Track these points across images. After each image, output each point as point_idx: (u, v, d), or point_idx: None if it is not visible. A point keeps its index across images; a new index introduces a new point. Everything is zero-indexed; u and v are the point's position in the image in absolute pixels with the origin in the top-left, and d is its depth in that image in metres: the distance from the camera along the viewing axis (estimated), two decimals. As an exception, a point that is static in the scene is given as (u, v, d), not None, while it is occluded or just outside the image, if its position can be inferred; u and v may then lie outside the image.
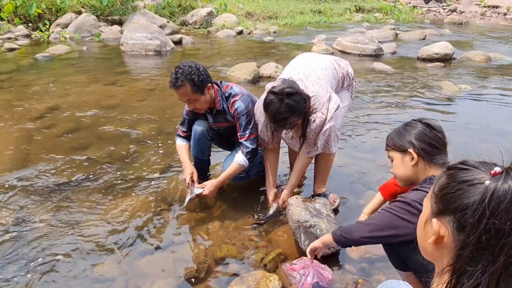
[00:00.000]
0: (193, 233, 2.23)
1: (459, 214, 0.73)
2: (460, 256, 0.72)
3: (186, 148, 2.54)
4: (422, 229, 0.86)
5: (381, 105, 4.53)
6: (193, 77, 2.17)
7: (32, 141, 3.37)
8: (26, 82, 5.07)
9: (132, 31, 7.50)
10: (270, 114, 2.02)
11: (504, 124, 4.02)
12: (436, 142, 1.46)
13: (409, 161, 1.48)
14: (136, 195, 2.59)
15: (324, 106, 2.09)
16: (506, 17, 16.42)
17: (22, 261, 1.98)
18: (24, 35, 8.25)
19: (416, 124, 1.52)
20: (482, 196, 0.70)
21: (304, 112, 2.02)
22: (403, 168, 1.51)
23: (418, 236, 0.88)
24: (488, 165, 0.77)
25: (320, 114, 2.09)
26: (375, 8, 15.33)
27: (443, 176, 0.81)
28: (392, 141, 1.56)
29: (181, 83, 2.16)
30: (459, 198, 0.74)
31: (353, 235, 1.48)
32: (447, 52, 6.97)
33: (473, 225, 0.70)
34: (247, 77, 5.37)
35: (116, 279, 1.88)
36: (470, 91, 5.15)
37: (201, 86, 2.21)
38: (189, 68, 2.18)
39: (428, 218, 0.83)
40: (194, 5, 11.37)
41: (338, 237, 1.55)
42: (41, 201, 2.49)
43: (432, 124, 1.49)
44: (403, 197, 1.37)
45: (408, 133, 1.50)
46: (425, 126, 1.49)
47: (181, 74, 2.16)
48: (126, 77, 5.57)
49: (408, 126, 1.53)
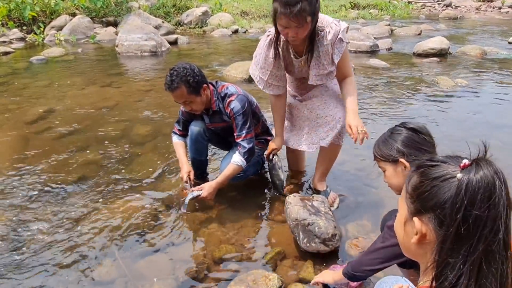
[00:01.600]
0: (192, 234, 2.23)
1: (438, 211, 0.74)
2: (441, 249, 0.73)
3: (182, 146, 2.54)
4: (401, 229, 0.86)
5: (378, 101, 4.53)
6: (188, 79, 2.16)
7: (28, 144, 3.36)
8: (22, 86, 5.05)
9: (127, 32, 7.48)
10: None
11: (500, 118, 4.03)
12: (425, 146, 1.41)
13: (402, 171, 1.43)
14: (133, 196, 2.58)
15: (332, 23, 2.04)
16: (501, 10, 16.45)
17: (18, 264, 1.97)
18: (18, 38, 8.22)
19: (401, 130, 1.45)
20: (457, 190, 0.71)
21: (315, 9, 1.87)
22: (396, 178, 1.46)
23: (399, 237, 0.88)
24: (455, 159, 0.78)
25: (329, 29, 2.02)
26: (370, 4, 15.33)
27: (414, 175, 0.82)
28: (380, 151, 1.49)
29: (177, 85, 2.16)
30: (436, 195, 0.75)
31: (364, 271, 1.47)
32: (442, 47, 6.98)
33: (452, 218, 0.72)
34: (243, 76, 5.37)
35: (115, 281, 1.88)
36: (467, 85, 5.16)
37: (197, 88, 2.20)
38: (184, 70, 2.17)
39: (407, 219, 0.83)
40: (189, 5, 11.34)
41: (350, 275, 1.53)
42: (38, 204, 2.48)
43: (418, 128, 1.43)
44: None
45: (395, 141, 1.44)
46: (411, 131, 1.43)
47: (176, 76, 2.15)
48: (122, 79, 5.55)
49: (394, 133, 1.46)
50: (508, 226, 0.72)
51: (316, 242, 1.95)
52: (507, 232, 0.71)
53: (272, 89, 2.28)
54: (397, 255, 1.35)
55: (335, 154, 2.46)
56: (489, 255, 0.70)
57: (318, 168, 2.53)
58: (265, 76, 2.24)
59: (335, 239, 1.97)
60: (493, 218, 0.70)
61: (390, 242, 1.36)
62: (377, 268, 1.42)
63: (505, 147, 3.37)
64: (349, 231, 2.23)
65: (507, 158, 3.16)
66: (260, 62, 2.23)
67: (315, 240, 1.95)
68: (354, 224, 2.29)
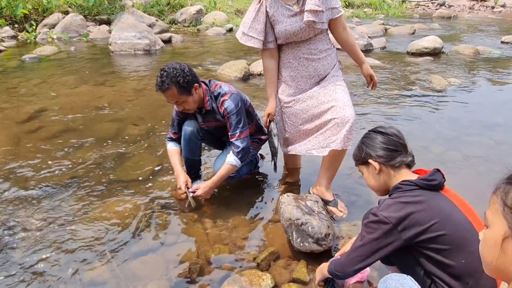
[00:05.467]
0: (185, 234, 2.22)
1: None
2: None
3: (177, 153, 2.52)
4: (496, 248, 0.79)
5: (371, 99, 4.54)
6: (179, 79, 2.15)
7: (20, 143, 3.32)
8: (13, 84, 5.00)
9: (121, 30, 7.42)
10: None
11: (493, 117, 4.06)
12: (392, 145, 1.52)
13: (374, 171, 1.55)
14: (126, 196, 2.56)
15: None
16: (493, 10, 16.58)
17: (11, 265, 1.95)
18: (10, 36, 8.12)
19: (370, 134, 1.59)
20: None
21: None
22: (372, 179, 1.59)
23: (488, 257, 0.83)
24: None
25: None
26: (365, 3, 15.38)
27: (511, 188, 0.77)
28: (355, 156, 1.64)
29: (167, 86, 2.15)
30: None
31: (346, 271, 1.49)
32: (436, 46, 7.01)
33: None
34: (237, 75, 5.35)
35: (108, 282, 1.86)
36: (460, 84, 5.19)
37: (188, 87, 2.19)
38: (174, 70, 2.16)
39: (508, 235, 0.77)
40: (183, 3, 11.29)
41: (334, 274, 1.54)
42: (29, 204, 2.45)
43: (385, 130, 1.56)
44: (375, 214, 1.37)
45: (365, 145, 1.57)
46: (379, 134, 1.55)
47: (166, 77, 2.14)
48: (115, 77, 5.51)
49: (365, 138, 1.60)
50: None
51: (309, 241, 1.95)
52: None
53: (253, 42, 2.26)
54: (375, 250, 1.38)
55: (342, 158, 2.37)
56: None
57: (323, 176, 2.41)
58: (245, 29, 2.27)
59: (329, 238, 1.97)
60: None
61: (367, 239, 1.39)
62: (359, 267, 1.43)
63: (497, 146, 3.39)
64: (342, 231, 2.23)
65: (499, 157, 3.18)
66: (245, 20, 2.28)
67: (308, 240, 1.95)
68: (347, 223, 2.30)
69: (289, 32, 2.19)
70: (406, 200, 1.35)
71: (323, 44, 2.28)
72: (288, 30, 2.19)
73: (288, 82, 2.35)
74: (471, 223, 1.34)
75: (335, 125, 2.21)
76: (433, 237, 1.31)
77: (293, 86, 2.34)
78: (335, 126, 2.21)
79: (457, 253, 1.30)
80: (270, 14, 2.20)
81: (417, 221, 1.31)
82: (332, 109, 2.22)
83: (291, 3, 2.17)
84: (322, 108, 2.25)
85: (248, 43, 2.27)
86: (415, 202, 1.34)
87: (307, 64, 2.28)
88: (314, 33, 2.21)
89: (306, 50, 2.25)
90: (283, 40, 2.25)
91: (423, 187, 1.38)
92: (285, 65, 2.33)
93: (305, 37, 2.21)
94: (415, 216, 1.31)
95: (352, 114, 2.18)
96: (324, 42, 2.29)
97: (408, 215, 1.32)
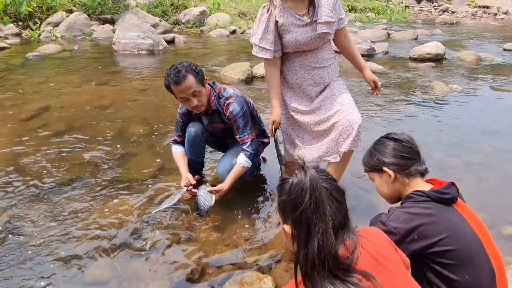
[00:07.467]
0: (187, 235, 2.23)
1: None
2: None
3: (183, 156, 2.52)
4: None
5: (373, 105, 4.56)
6: (193, 68, 2.18)
7: (22, 141, 3.33)
8: (17, 82, 5.01)
9: (124, 30, 7.45)
10: None
11: (494, 124, 4.08)
12: (407, 153, 1.48)
13: (388, 179, 1.51)
14: (129, 196, 2.58)
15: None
16: (496, 17, 16.61)
17: (12, 264, 1.96)
18: (14, 34, 8.14)
19: (384, 141, 1.54)
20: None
21: None
22: (385, 187, 1.55)
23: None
24: None
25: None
26: (368, 7, 15.40)
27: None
28: (366, 162, 1.60)
29: (185, 74, 2.12)
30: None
31: None
32: (438, 52, 7.03)
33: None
34: (240, 77, 5.37)
35: (109, 282, 1.88)
36: (461, 91, 5.21)
37: (202, 78, 2.22)
38: (186, 62, 2.19)
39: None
40: (187, 4, 11.31)
41: None
42: (31, 203, 2.47)
43: (399, 137, 1.51)
44: (384, 224, 1.37)
45: (379, 152, 1.52)
46: (393, 141, 1.51)
47: (182, 67, 2.14)
48: (118, 77, 5.53)
49: (377, 144, 1.56)
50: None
51: (310, 245, 1.96)
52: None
53: (265, 53, 2.25)
54: None
55: (348, 161, 2.37)
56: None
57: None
58: (257, 41, 2.26)
59: (330, 242, 1.97)
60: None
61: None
62: None
63: (498, 152, 3.41)
64: (343, 235, 2.24)
65: (500, 164, 3.20)
66: (255, 31, 2.27)
67: (309, 243, 1.96)
68: (349, 227, 2.30)
69: (299, 42, 2.19)
70: (416, 212, 1.34)
71: (328, 52, 2.30)
72: (298, 40, 2.19)
73: (294, 89, 2.36)
74: (480, 239, 1.32)
75: (343, 129, 2.21)
76: (441, 252, 1.29)
77: (299, 93, 2.35)
78: (343, 130, 2.21)
79: (462, 269, 1.28)
80: (279, 24, 2.19)
81: (426, 234, 1.30)
82: (338, 113, 2.22)
83: (301, 13, 2.16)
84: (329, 113, 2.26)
85: (260, 54, 2.26)
86: (426, 215, 1.33)
87: (314, 72, 2.29)
88: (323, 43, 2.24)
89: (313, 59, 2.26)
90: (292, 49, 2.24)
91: (436, 199, 1.36)
92: (291, 73, 2.33)
93: (315, 46, 2.23)
94: (424, 228, 1.31)
95: (358, 116, 2.20)
96: (329, 50, 2.32)
97: (417, 227, 1.31)
